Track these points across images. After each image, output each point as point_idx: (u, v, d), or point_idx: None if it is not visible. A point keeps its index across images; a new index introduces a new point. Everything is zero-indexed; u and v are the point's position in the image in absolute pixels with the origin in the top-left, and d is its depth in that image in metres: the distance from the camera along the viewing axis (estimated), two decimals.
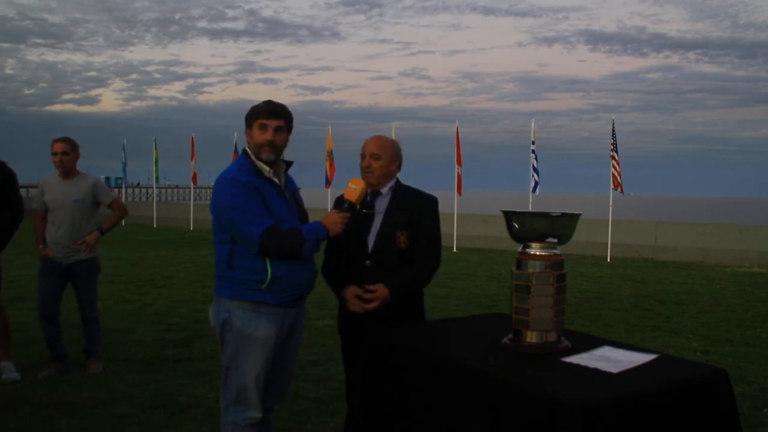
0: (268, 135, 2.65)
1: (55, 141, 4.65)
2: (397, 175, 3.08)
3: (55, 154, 4.61)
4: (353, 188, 2.79)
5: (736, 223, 15.83)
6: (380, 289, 2.81)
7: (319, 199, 17.90)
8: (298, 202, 2.87)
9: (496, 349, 2.35)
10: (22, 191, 5.04)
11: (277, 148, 2.68)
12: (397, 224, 2.90)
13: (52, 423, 3.73)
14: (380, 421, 2.52)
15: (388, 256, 2.88)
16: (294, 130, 2.81)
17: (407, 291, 2.91)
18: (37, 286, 4.68)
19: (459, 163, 14.25)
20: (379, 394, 2.53)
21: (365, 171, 2.94)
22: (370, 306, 2.82)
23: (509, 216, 2.41)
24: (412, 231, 2.90)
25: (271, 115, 2.66)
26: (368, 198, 2.96)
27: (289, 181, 2.86)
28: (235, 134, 17.74)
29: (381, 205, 2.96)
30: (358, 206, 2.82)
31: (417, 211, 2.94)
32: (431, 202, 3.02)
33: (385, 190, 2.98)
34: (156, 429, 3.70)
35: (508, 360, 2.22)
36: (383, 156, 2.94)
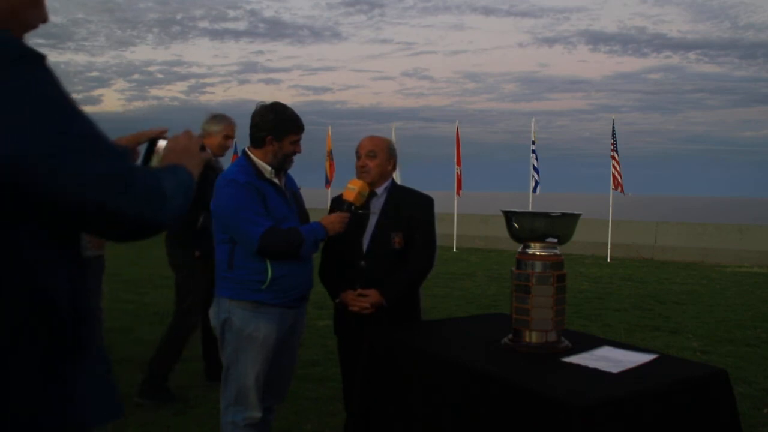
0: (299, 148, 2.74)
1: None
2: (393, 176, 3.09)
3: None
4: (351, 188, 2.80)
5: (736, 223, 15.81)
6: (373, 295, 2.82)
7: (319, 199, 17.88)
8: (299, 201, 2.87)
9: (496, 349, 2.35)
10: None
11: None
12: (391, 224, 2.90)
13: None
14: (380, 421, 2.52)
15: (383, 257, 2.88)
16: None
17: (401, 294, 2.91)
18: None
19: (458, 163, 14.25)
20: (379, 394, 2.53)
21: (361, 171, 2.95)
22: (365, 305, 2.82)
23: (509, 216, 2.41)
24: (407, 231, 2.90)
25: (302, 131, 2.75)
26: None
27: (290, 181, 2.86)
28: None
29: (376, 205, 2.96)
30: (355, 206, 2.82)
31: (412, 211, 2.94)
32: (427, 201, 3.02)
33: (380, 190, 2.98)
34: (156, 429, 3.70)
35: (508, 360, 2.22)
36: (379, 154, 2.95)
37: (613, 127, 12.81)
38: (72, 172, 1.02)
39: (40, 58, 1.02)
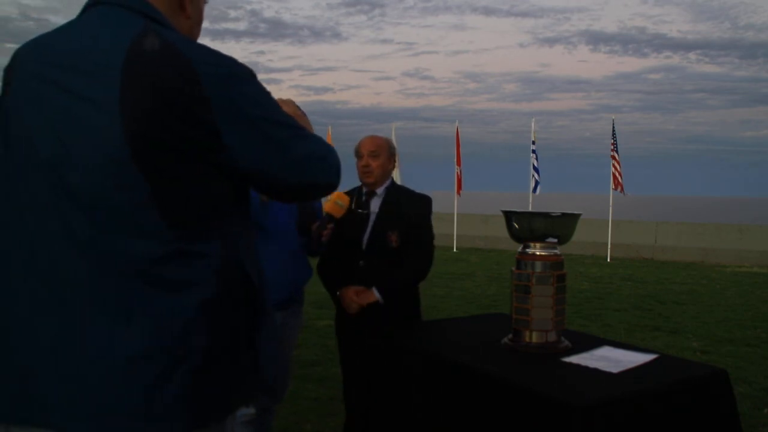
0: None
1: None
2: (393, 175, 3.09)
3: None
4: (326, 199, 2.60)
5: (736, 223, 15.82)
6: (369, 295, 2.82)
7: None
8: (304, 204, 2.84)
9: (496, 349, 2.35)
10: None
11: None
12: (388, 224, 2.90)
13: None
14: (380, 421, 2.52)
15: (381, 256, 2.88)
16: None
17: (398, 292, 2.90)
18: None
19: (459, 163, 14.25)
20: (379, 394, 2.53)
21: (363, 170, 2.94)
22: (364, 301, 2.81)
23: (509, 216, 2.41)
24: (403, 229, 2.89)
25: None
26: (363, 198, 2.96)
27: None
28: None
29: (376, 205, 2.96)
30: (333, 217, 2.63)
31: (408, 210, 2.94)
32: (423, 201, 3.01)
33: (380, 190, 2.98)
34: None
35: (508, 360, 2.22)
36: (381, 154, 2.94)
37: (614, 127, 12.81)
38: (288, 160, 1.19)
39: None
